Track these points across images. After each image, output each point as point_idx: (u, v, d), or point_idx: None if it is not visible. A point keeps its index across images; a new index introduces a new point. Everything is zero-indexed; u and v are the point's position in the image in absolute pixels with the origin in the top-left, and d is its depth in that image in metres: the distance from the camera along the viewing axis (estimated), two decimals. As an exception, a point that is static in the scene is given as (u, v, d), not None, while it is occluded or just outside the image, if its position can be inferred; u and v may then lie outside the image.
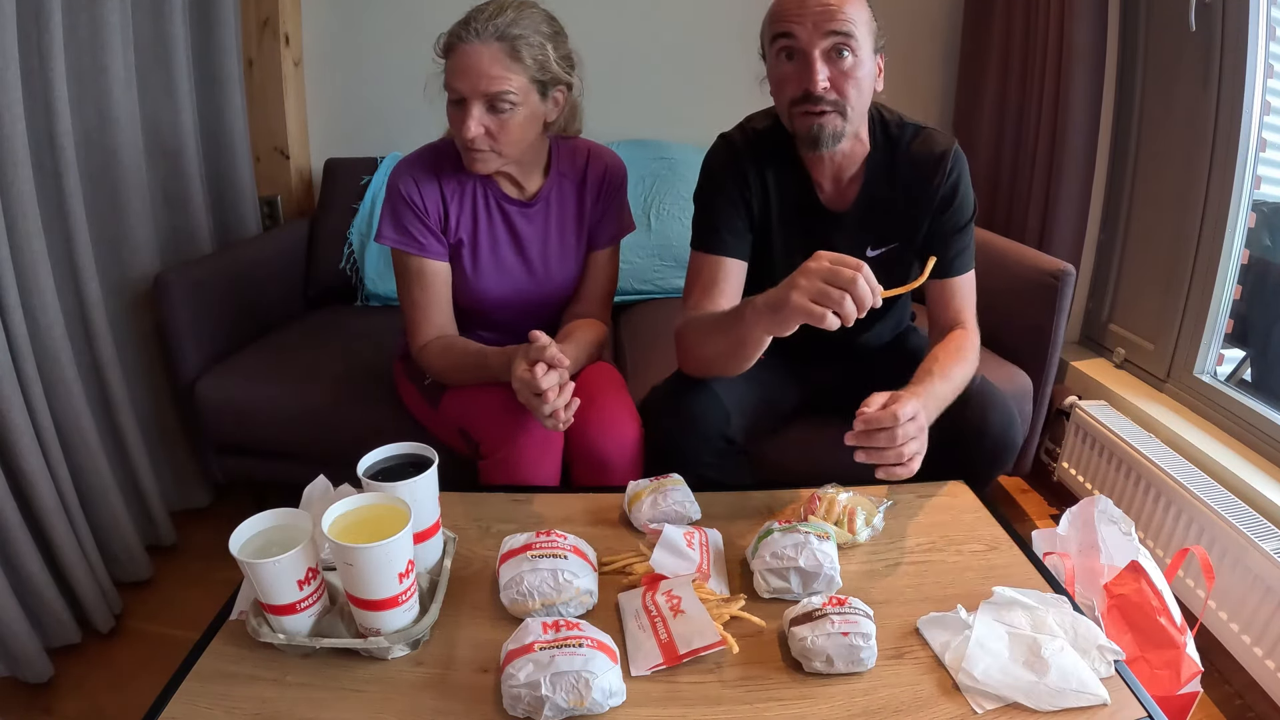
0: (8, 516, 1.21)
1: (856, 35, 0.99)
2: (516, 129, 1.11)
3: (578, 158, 1.27)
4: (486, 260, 1.24)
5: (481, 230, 1.23)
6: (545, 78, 1.11)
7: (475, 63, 1.06)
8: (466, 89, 1.07)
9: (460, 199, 1.21)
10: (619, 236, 1.30)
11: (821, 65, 0.99)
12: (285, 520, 0.76)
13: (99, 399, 1.47)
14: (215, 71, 1.80)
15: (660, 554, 0.85)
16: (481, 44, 1.05)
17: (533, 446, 1.08)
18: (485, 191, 1.22)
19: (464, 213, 1.22)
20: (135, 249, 1.55)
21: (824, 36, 0.98)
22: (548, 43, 1.10)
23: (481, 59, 1.06)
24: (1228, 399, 1.49)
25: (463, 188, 1.21)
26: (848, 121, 1.03)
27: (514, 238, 1.25)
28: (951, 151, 1.10)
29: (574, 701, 0.66)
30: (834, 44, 0.99)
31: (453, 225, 1.21)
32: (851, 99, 1.02)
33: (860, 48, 1.00)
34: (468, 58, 1.06)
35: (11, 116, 1.20)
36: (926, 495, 1.05)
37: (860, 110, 1.05)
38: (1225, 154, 1.48)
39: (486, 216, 1.23)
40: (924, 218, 1.13)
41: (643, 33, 2.10)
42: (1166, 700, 0.97)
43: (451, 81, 1.08)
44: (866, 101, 1.05)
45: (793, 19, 0.99)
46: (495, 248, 1.24)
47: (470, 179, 1.21)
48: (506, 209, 1.23)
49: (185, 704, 0.70)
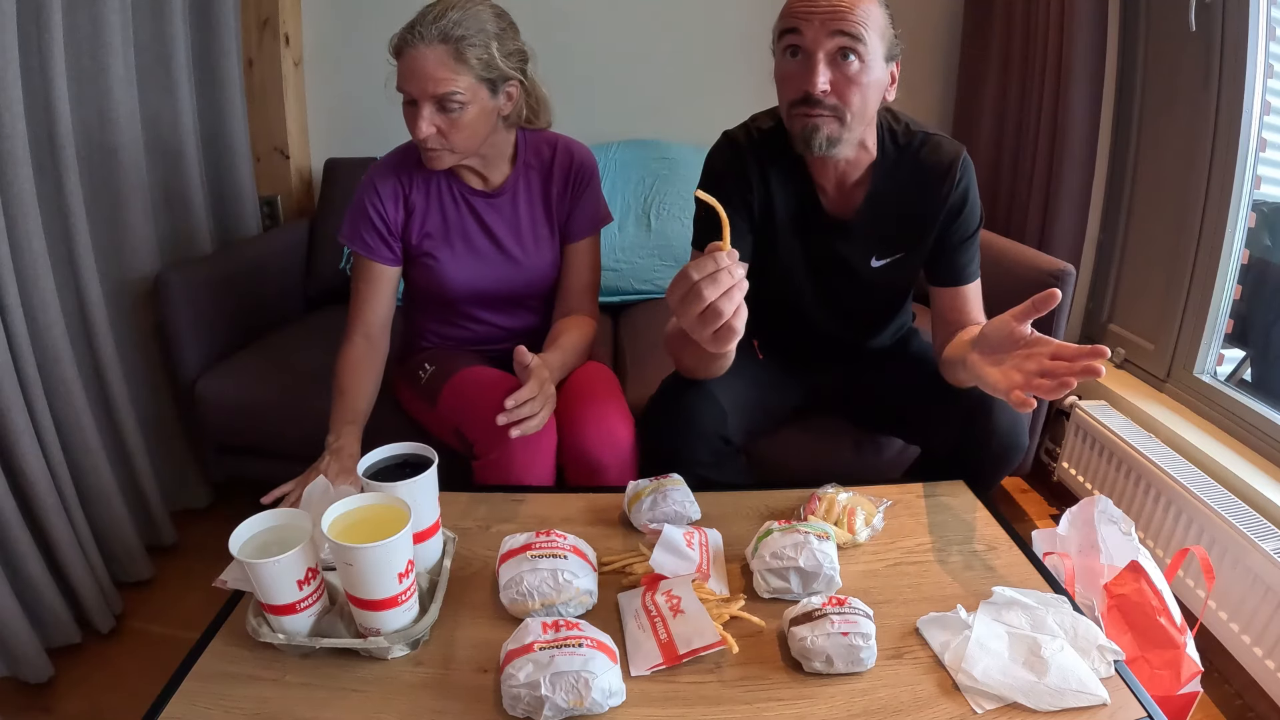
0: (8, 516, 1.20)
1: (866, 40, 0.94)
2: (467, 126, 1.12)
3: (544, 149, 1.28)
4: (460, 252, 1.26)
5: (451, 224, 1.25)
6: (493, 75, 1.12)
7: (421, 65, 1.07)
8: (416, 91, 1.09)
9: (426, 195, 1.24)
10: (596, 228, 1.31)
11: (825, 67, 0.96)
12: (285, 520, 0.76)
13: (99, 399, 1.47)
14: (215, 71, 1.80)
15: (660, 554, 0.85)
16: (426, 47, 1.07)
17: (524, 448, 1.08)
18: (450, 186, 1.25)
19: (430, 208, 1.24)
20: (135, 249, 1.55)
21: (830, 37, 0.94)
22: (492, 41, 1.11)
23: (427, 62, 1.07)
24: (1228, 399, 1.49)
25: (428, 184, 1.24)
26: (845, 128, 0.99)
27: (484, 229, 1.27)
28: (960, 160, 1.08)
29: (574, 701, 0.66)
30: (840, 46, 0.95)
31: (418, 224, 1.24)
32: (853, 105, 0.97)
33: (869, 53, 0.95)
34: (414, 61, 1.08)
35: (11, 116, 1.20)
36: (926, 495, 1.05)
37: (863, 118, 1.01)
38: (1225, 154, 1.48)
39: (455, 210, 1.25)
40: (931, 227, 1.11)
41: (643, 33, 2.10)
42: (1166, 700, 0.97)
43: (401, 84, 1.11)
44: (871, 110, 1.01)
45: (801, 15, 0.96)
46: (467, 239, 1.26)
47: (435, 175, 1.24)
48: (472, 201, 1.26)
49: (185, 704, 0.70)
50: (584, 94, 1.91)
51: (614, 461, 1.12)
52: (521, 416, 1.02)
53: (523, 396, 1.02)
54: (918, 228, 1.12)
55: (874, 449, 1.34)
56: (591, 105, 2.02)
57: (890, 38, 0.99)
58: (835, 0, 0.94)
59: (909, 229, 1.12)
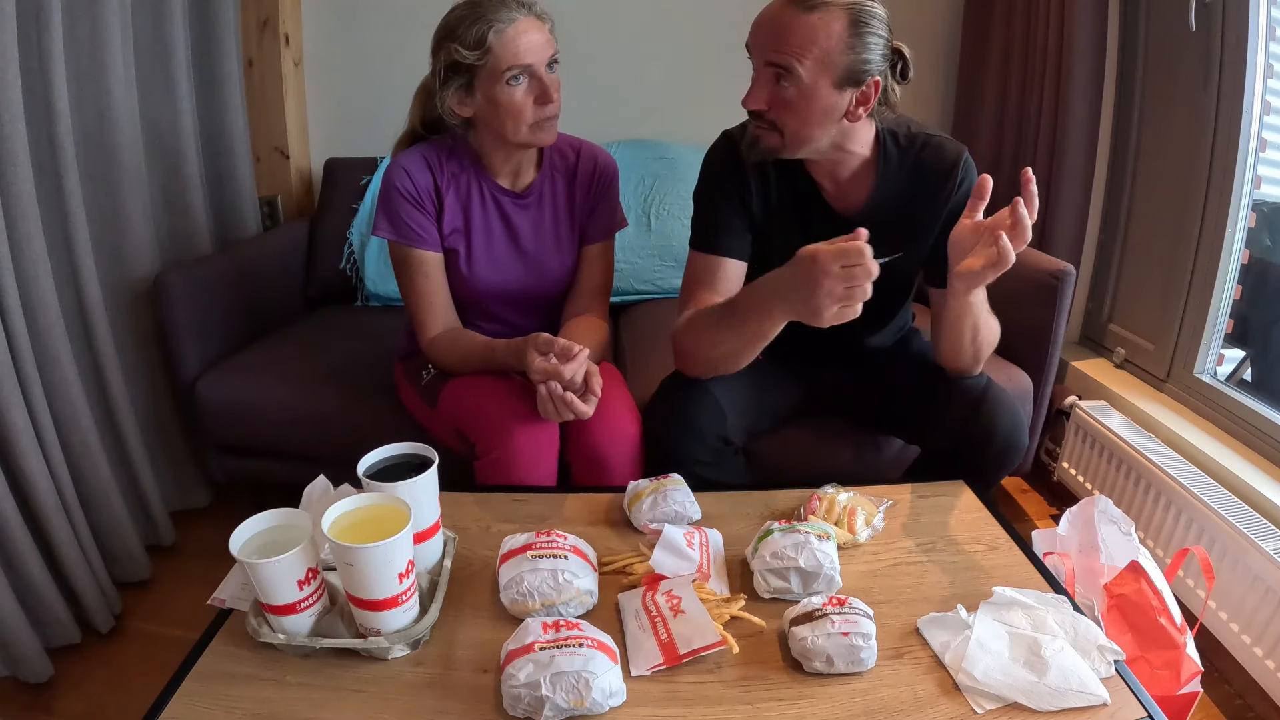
0: (8, 517, 1.20)
1: (797, 69, 0.97)
2: None
3: (569, 153, 1.28)
4: (481, 251, 1.25)
5: (475, 221, 1.24)
6: None
7: (534, 31, 1.10)
8: (535, 59, 1.10)
9: (455, 191, 1.23)
10: (612, 231, 1.31)
11: (760, 88, 1.02)
12: (285, 520, 0.76)
13: (99, 399, 1.47)
14: (215, 72, 1.80)
15: (660, 554, 0.85)
16: (527, 18, 1.10)
17: (527, 447, 1.08)
18: (480, 184, 1.24)
19: (457, 204, 1.23)
20: (135, 249, 1.55)
21: (765, 62, 1.00)
22: None
23: (535, 28, 1.10)
24: (1228, 399, 1.49)
25: (456, 180, 1.23)
26: (785, 142, 1.04)
27: (508, 229, 1.26)
28: (961, 161, 1.10)
29: (574, 701, 0.66)
30: (774, 72, 0.99)
31: (447, 217, 1.23)
32: (789, 125, 1.02)
33: (803, 80, 0.98)
34: (528, 31, 1.09)
35: (11, 116, 1.20)
36: (926, 495, 1.05)
37: (803, 137, 1.04)
38: (1225, 154, 1.48)
39: (481, 208, 1.24)
40: (933, 227, 1.12)
41: (643, 33, 2.10)
42: (1166, 700, 0.97)
43: (515, 60, 1.09)
44: (815, 129, 1.03)
45: (751, 35, 1.02)
46: (490, 239, 1.25)
47: (464, 172, 1.23)
48: (500, 200, 1.25)
49: (185, 704, 0.70)
50: (584, 94, 1.91)
51: (620, 457, 1.12)
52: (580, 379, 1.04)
53: (573, 371, 1.04)
54: (919, 227, 1.13)
55: (874, 449, 1.34)
56: (591, 105, 2.01)
57: (851, 62, 0.98)
58: (778, 27, 0.98)
59: (911, 229, 1.12)
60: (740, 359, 1.08)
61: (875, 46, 0.99)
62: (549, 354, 1.05)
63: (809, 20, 0.96)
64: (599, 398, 1.06)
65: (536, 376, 1.05)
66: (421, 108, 1.22)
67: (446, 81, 1.13)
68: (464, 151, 1.23)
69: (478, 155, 1.23)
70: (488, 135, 1.19)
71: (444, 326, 1.24)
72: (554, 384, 1.03)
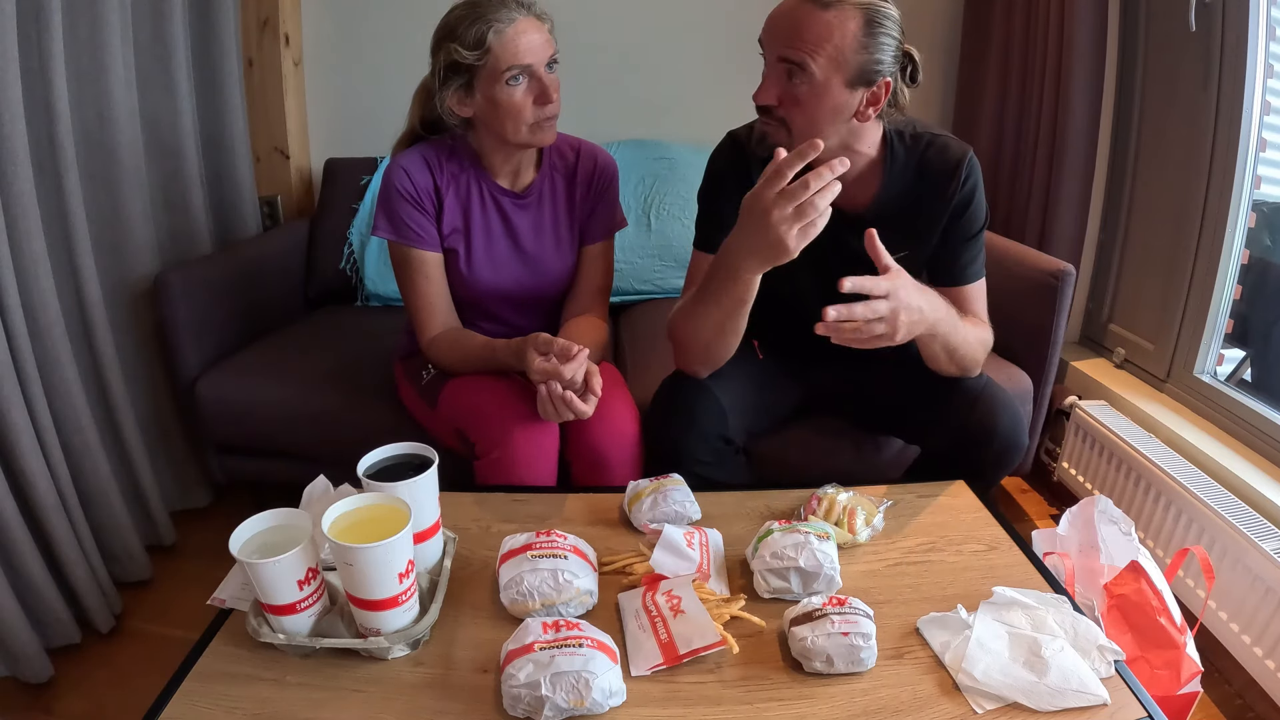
0: (8, 517, 1.20)
1: (810, 65, 0.97)
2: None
3: (568, 153, 1.28)
4: (481, 251, 1.25)
5: (475, 221, 1.24)
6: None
7: (533, 32, 1.10)
8: (535, 59, 1.10)
9: (455, 191, 1.23)
10: (612, 231, 1.31)
11: (772, 83, 1.01)
12: (285, 520, 0.76)
13: (99, 399, 1.47)
14: (215, 71, 1.80)
15: (660, 554, 0.85)
16: (526, 18, 1.10)
17: (527, 447, 1.08)
18: (479, 184, 1.23)
19: (457, 205, 1.23)
20: (135, 249, 1.55)
21: (778, 58, 1.00)
22: None
23: (535, 29, 1.11)
24: (1228, 399, 1.49)
25: (456, 180, 1.23)
26: (794, 139, 1.02)
27: (508, 229, 1.26)
28: (966, 161, 1.10)
29: (574, 701, 0.66)
30: (786, 67, 0.99)
31: (447, 217, 1.22)
32: (797, 122, 1.02)
33: (816, 77, 0.97)
34: (527, 31, 1.09)
35: (11, 116, 1.20)
36: (926, 495, 1.05)
37: (812, 134, 1.02)
38: (1225, 154, 1.48)
39: (480, 208, 1.24)
40: (937, 225, 1.12)
41: (644, 33, 2.10)
42: (1166, 700, 0.97)
43: (514, 60, 1.09)
44: (823, 126, 1.02)
45: (765, 30, 1.02)
46: (489, 239, 1.25)
47: (463, 172, 1.23)
48: (500, 200, 1.25)
49: (185, 704, 0.70)
50: (584, 94, 1.91)
51: (620, 456, 1.12)
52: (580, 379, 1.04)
53: (573, 372, 1.03)
54: (923, 226, 1.13)
55: (874, 449, 1.34)
56: (592, 105, 2.01)
57: (864, 61, 0.98)
58: (793, 23, 0.98)
59: (915, 227, 1.13)
60: (729, 336, 1.07)
61: (888, 47, 0.99)
62: (549, 354, 1.04)
63: (824, 17, 0.96)
64: (599, 397, 1.06)
65: (536, 376, 1.05)
66: (421, 108, 1.22)
67: (446, 81, 1.13)
68: (464, 152, 1.23)
69: (477, 155, 1.23)
70: (487, 135, 1.19)
71: (444, 327, 1.24)
72: (554, 384, 1.03)
